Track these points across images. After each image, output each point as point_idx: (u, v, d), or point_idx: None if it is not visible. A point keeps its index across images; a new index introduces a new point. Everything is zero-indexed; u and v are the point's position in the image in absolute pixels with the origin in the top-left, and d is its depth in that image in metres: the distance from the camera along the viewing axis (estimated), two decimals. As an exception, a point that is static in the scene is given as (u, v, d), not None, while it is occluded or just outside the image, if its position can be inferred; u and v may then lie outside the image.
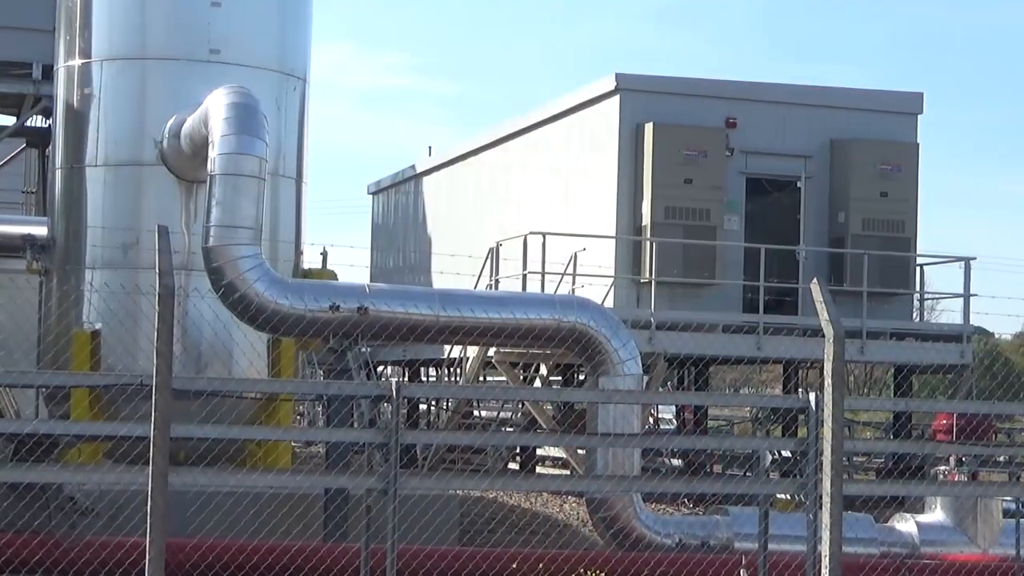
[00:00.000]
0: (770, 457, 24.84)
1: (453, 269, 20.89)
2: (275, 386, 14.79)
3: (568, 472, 23.87)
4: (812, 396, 11.02)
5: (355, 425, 14.99)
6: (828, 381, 10.63)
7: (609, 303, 21.91)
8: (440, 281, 23.94)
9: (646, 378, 20.43)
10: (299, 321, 13.92)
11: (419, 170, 32.72)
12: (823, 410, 10.74)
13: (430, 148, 34.86)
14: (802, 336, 21.52)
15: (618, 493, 14.03)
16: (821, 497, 10.66)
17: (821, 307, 10.74)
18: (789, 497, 16.02)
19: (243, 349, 15.67)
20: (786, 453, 25.15)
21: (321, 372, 19.47)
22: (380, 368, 30.69)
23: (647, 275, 22.66)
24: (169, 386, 9.62)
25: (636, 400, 14.71)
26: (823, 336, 10.69)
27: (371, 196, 36.20)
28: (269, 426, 15.41)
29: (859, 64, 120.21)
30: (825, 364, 10.67)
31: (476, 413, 29.93)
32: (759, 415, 31.14)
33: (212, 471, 10.57)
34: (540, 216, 25.52)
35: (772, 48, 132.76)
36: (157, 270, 9.70)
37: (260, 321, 13.92)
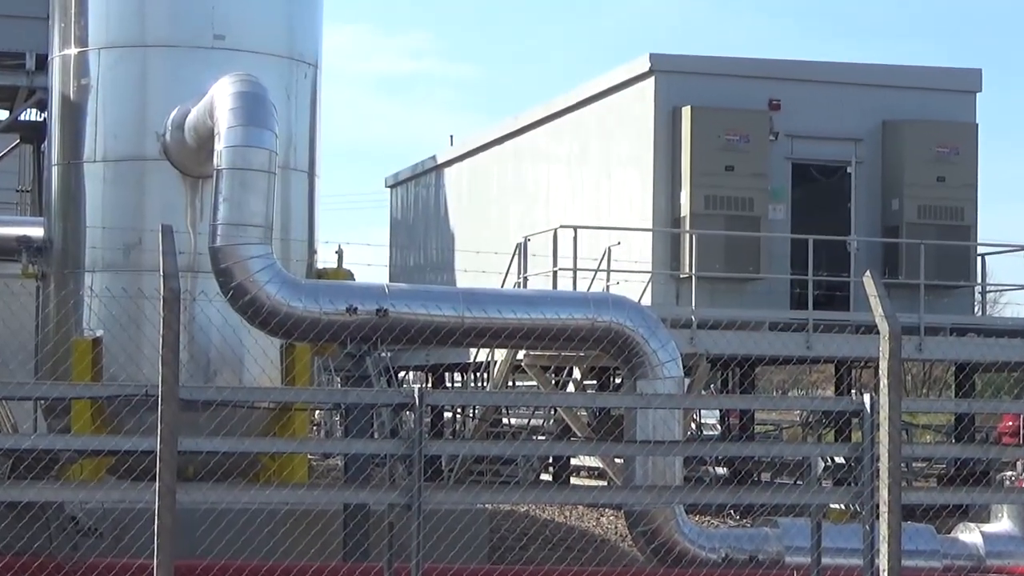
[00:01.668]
0: (822, 464, 24.78)
1: (478, 267, 20.88)
2: (289, 395, 14.80)
3: (605, 483, 23.86)
4: (867, 398, 11.00)
5: (375, 435, 15.02)
6: (884, 381, 10.61)
7: (646, 301, 21.87)
8: (464, 280, 23.95)
9: (687, 381, 20.40)
10: (314, 325, 13.93)
11: (440, 161, 32.75)
12: (879, 413, 10.72)
13: (451, 137, 34.97)
14: (855, 333, 21.44)
15: (659, 505, 14.00)
16: (878, 506, 10.64)
17: (875, 302, 10.71)
18: (843, 507, 15.97)
19: (254, 356, 15.70)
20: (839, 460, 25.09)
21: (338, 379, 19.48)
22: (401, 374, 30.76)
23: (687, 270, 22.64)
24: (176, 396, 9.64)
25: (677, 404, 14.69)
26: (877, 333, 10.67)
27: (389, 189, 36.27)
28: (283, 438, 15.43)
29: (912, 39, 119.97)
30: (880, 363, 10.65)
31: (505, 421, 29.95)
32: (810, 419, 31.06)
33: (223, 487, 10.59)
34: (570, 208, 25.53)
35: (818, 23, 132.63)
36: (161, 272, 9.72)
37: (272, 325, 13.94)
